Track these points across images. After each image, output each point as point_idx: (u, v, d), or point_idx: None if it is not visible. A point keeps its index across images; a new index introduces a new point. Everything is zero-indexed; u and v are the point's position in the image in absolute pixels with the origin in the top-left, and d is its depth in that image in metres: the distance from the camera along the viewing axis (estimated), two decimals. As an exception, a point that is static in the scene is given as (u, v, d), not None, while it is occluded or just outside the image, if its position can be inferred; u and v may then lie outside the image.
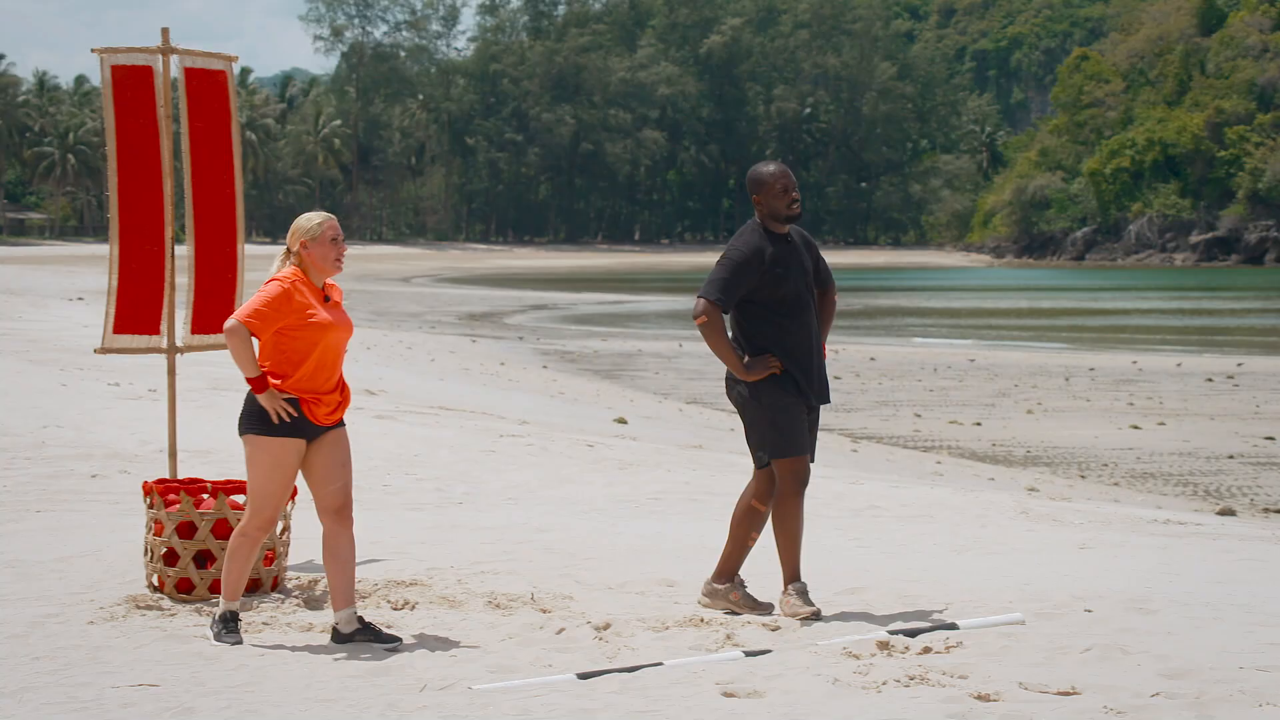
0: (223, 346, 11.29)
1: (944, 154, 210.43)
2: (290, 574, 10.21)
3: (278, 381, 8.78)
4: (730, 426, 26.21)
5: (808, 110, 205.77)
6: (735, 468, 17.47)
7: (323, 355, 8.85)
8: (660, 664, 8.31)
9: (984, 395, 32.25)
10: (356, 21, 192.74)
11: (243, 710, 7.51)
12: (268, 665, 8.29)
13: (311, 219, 8.94)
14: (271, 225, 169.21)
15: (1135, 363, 39.79)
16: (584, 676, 8.10)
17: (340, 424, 9.00)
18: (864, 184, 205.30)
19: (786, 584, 9.44)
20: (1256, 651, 8.39)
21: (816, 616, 9.26)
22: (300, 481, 9.38)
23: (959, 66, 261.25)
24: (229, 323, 8.71)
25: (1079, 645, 8.51)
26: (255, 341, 8.80)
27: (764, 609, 9.44)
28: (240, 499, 9.97)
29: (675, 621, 9.20)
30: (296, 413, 8.77)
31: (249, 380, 8.75)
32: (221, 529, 9.71)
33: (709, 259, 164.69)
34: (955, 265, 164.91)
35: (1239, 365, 38.76)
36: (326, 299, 8.95)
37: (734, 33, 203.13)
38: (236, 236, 11.20)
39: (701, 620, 9.21)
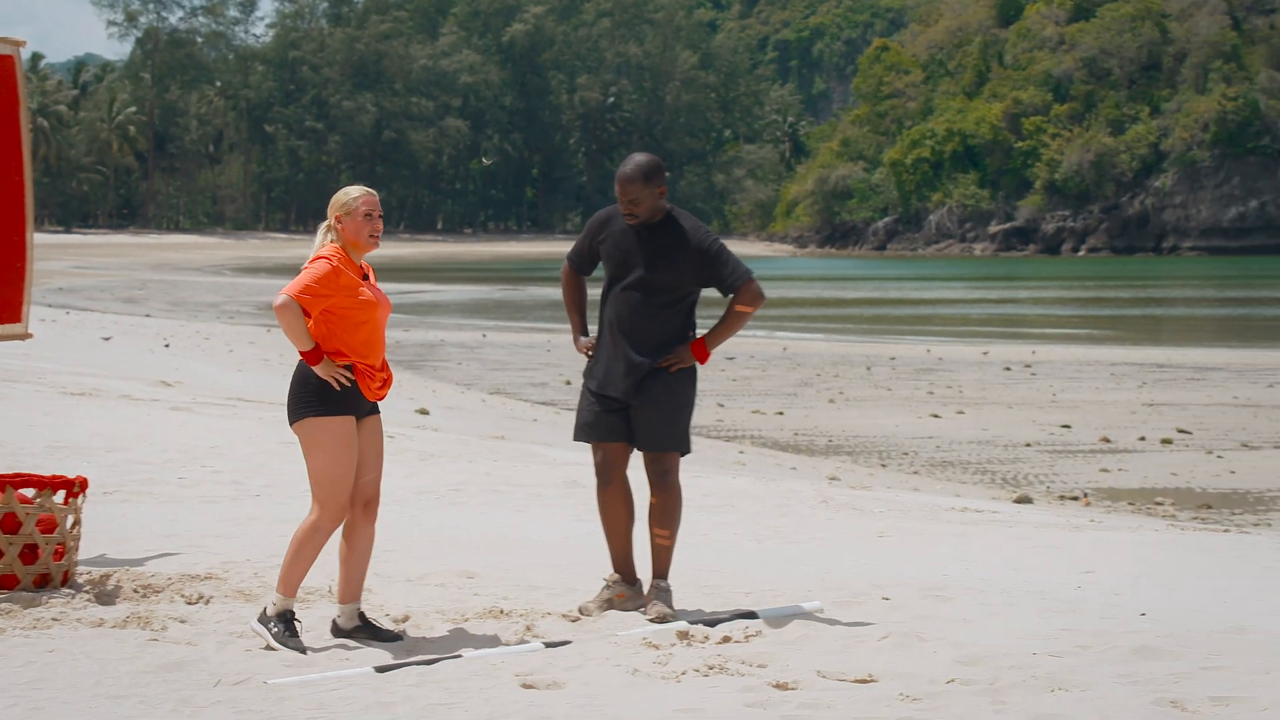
0: (13, 337, 11.08)
1: (747, 144, 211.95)
2: (81, 569, 10.04)
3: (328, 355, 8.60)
4: (533, 417, 26.21)
5: (611, 99, 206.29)
6: (537, 458, 17.46)
7: (371, 332, 8.67)
8: (459, 656, 8.29)
9: (787, 384, 32.51)
10: (151, 6, 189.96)
11: (30, 708, 7.37)
12: (57, 662, 8.15)
13: (350, 192, 8.72)
14: (64, 214, 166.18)
15: (931, 351, 40.32)
16: (381, 670, 8.06)
17: (377, 409, 8.83)
18: (668, 174, 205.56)
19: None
20: (1050, 637, 8.54)
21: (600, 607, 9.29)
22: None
23: (761, 56, 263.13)
24: (279, 299, 8.45)
25: (876, 633, 8.61)
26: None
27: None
28: (29, 493, 9.77)
29: (475, 613, 9.19)
30: (351, 380, 8.57)
31: (304, 354, 8.49)
32: (9, 523, 9.51)
33: (513, 249, 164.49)
34: (759, 255, 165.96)
35: (1033, 353, 39.42)
36: (365, 276, 8.76)
37: (536, 21, 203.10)
38: (26, 225, 10.99)
39: (501, 612, 9.19)
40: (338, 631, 8.75)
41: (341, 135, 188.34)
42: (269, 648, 8.50)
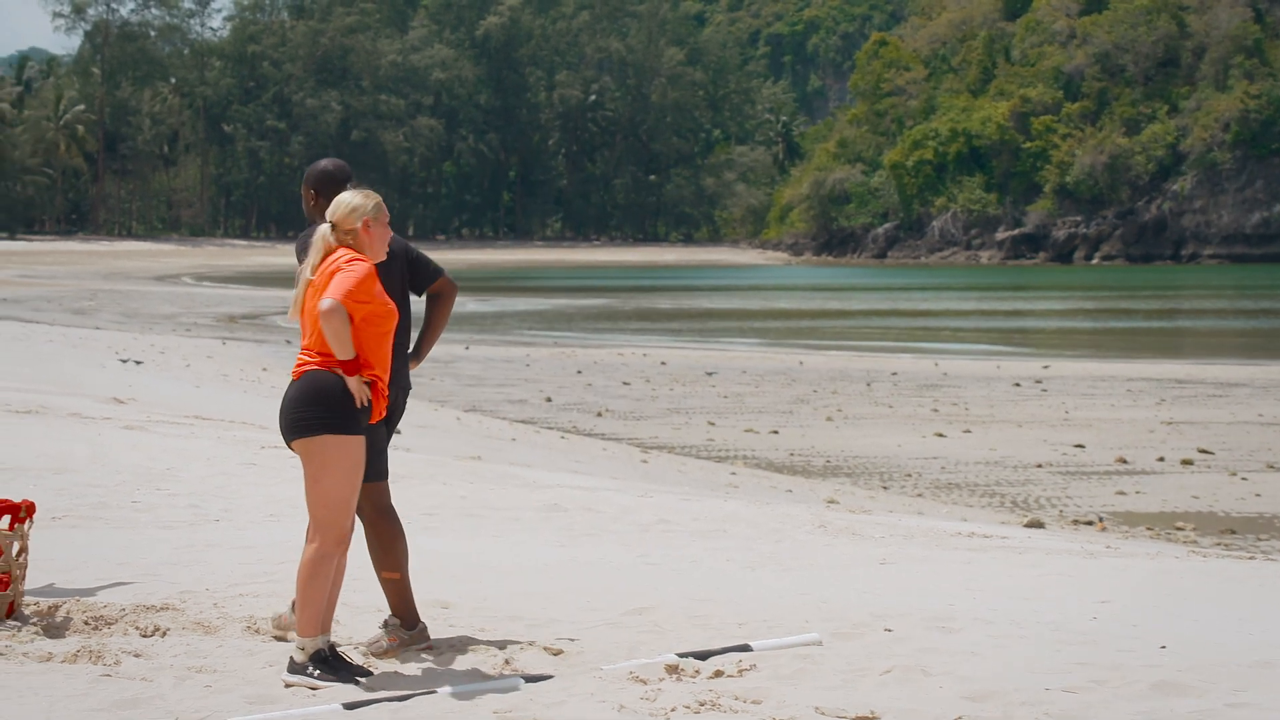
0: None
1: (738, 145, 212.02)
2: (28, 599, 10.00)
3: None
4: (512, 436, 26.19)
5: (592, 97, 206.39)
6: (516, 480, 17.44)
7: (390, 345, 8.66)
8: (433, 692, 8.26)
9: (781, 401, 32.50)
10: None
11: (-26, 749, 7.36)
12: (1, 700, 8.12)
13: (370, 197, 8.66)
14: (8, 219, 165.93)
15: (938, 365, 40.35)
16: (351, 706, 8.03)
17: None
18: (653, 176, 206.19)
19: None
20: (1063, 671, 8.53)
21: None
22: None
23: (753, 52, 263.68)
24: (328, 303, 8.30)
25: (878, 667, 8.60)
26: None
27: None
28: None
29: (450, 645, 9.16)
30: (369, 397, 8.53)
31: (345, 363, 8.42)
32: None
33: (489, 256, 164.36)
34: (751, 263, 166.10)
35: (1045, 368, 39.45)
36: None
37: (512, 13, 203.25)
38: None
39: (478, 644, 9.17)
40: (294, 667, 8.67)
41: (305, 135, 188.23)
42: (314, 689, 8.42)
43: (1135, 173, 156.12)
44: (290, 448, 8.60)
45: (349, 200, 8.65)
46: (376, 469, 9.19)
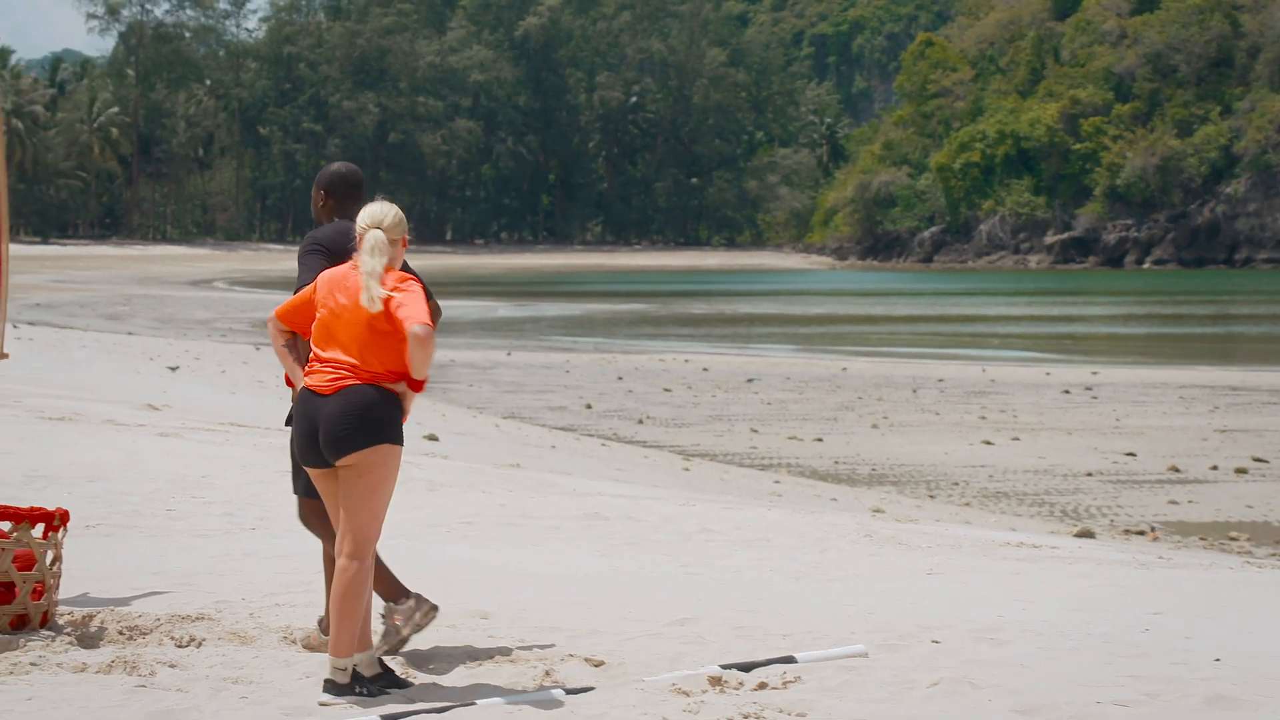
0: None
1: (782, 147, 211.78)
2: (61, 609, 10.02)
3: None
4: (551, 444, 26.19)
5: (633, 99, 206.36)
6: (556, 488, 17.44)
7: None
8: (473, 704, 8.26)
9: (826, 408, 32.46)
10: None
11: (8, 761, 7.37)
12: (35, 711, 8.13)
13: (399, 212, 8.71)
14: (41, 223, 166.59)
15: (985, 371, 40.25)
16: (389, 719, 8.04)
17: None
18: (695, 179, 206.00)
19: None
20: (1116, 685, 8.50)
21: None
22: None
23: (796, 52, 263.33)
24: (424, 329, 8.24)
25: (925, 679, 8.57)
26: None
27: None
28: (5, 526, 9.73)
29: (489, 656, 9.16)
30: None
31: (416, 382, 8.44)
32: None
33: (528, 261, 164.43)
34: (795, 268, 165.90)
35: (1094, 374, 39.34)
36: None
37: (552, 14, 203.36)
38: (1, 235, 10.98)
39: (518, 655, 9.17)
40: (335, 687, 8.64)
41: (342, 138, 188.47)
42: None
43: (1187, 175, 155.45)
44: (329, 465, 8.54)
45: (394, 211, 8.65)
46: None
